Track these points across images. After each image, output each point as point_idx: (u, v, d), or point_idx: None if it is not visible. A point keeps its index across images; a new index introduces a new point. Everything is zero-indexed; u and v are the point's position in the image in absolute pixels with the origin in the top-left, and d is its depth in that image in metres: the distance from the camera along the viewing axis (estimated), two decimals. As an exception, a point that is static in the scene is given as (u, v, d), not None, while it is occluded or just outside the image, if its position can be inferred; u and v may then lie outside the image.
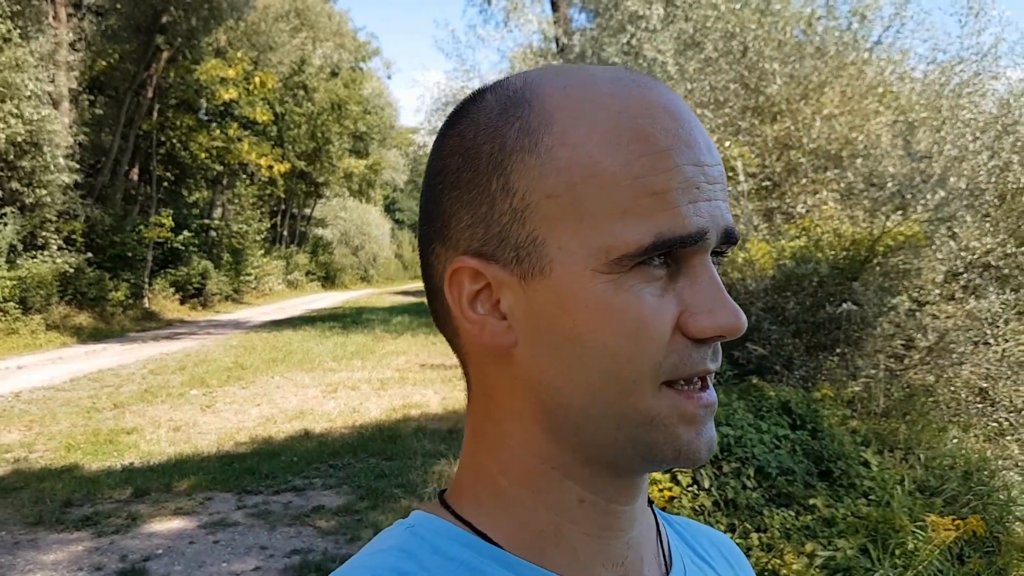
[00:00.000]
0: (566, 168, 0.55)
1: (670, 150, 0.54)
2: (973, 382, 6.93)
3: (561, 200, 0.55)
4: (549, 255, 0.56)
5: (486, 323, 0.59)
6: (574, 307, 0.55)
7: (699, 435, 0.56)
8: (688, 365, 0.55)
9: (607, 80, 0.57)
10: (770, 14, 8.97)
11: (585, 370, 0.55)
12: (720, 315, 0.54)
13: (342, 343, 15.77)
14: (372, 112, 42.73)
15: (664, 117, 0.55)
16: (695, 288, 0.55)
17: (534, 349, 0.58)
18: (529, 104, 0.57)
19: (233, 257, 27.97)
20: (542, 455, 0.60)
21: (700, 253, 0.55)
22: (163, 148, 24.50)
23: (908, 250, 7.16)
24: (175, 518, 5.67)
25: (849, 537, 4.60)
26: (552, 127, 0.56)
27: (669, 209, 0.53)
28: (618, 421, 0.56)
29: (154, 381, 11.46)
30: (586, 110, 0.55)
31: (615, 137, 0.54)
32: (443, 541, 0.59)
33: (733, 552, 0.79)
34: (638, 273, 0.54)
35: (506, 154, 0.57)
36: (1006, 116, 7.41)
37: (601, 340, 0.54)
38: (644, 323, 0.54)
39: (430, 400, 9.83)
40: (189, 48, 22.45)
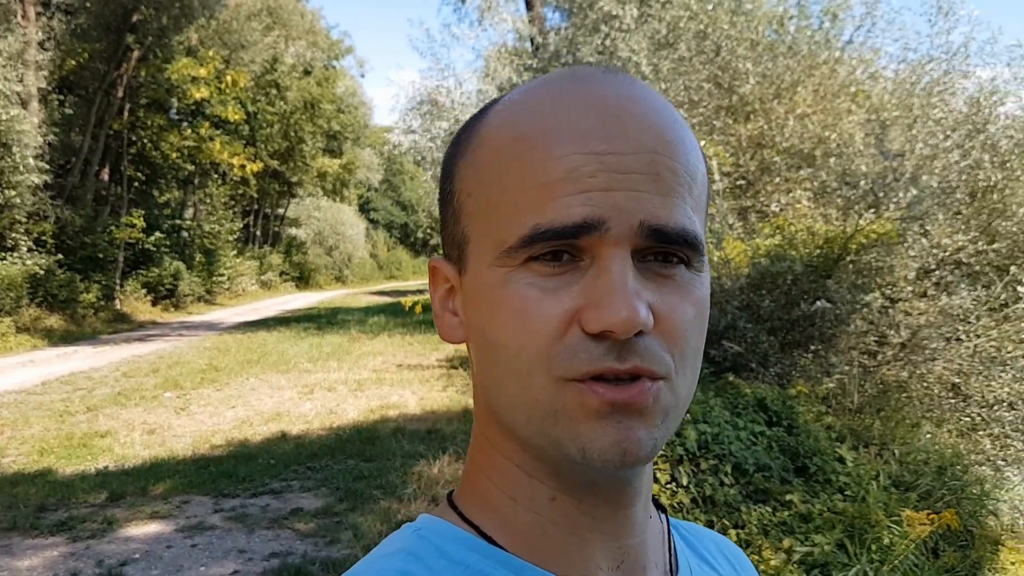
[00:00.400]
0: (481, 167, 0.58)
1: (561, 142, 0.53)
2: (946, 378, 7.03)
3: (476, 198, 0.58)
4: (469, 251, 0.59)
5: (444, 318, 0.63)
6: (478, 301, 0.58)
7: (605, 434, 0.53)
8: (584, 360, 0.52)
9: (544, 80, 0.59)
10: (742, 14, 9.03)
11: (493, 364, 0.57)
12: (605, 309, 0.51)
13: (318, 344, 15.69)
14: (346, 111, 42.51)
15: (575, 111, 0.54)
16: (596, 282, 0.53)
17: (472, 345, 0.61)
18: (482, 115, 0.61)
19: (205, 258, 27.72)
20: (505, 453, 0.61)
21: (608, 246, 0.53)
22: (134, 148, 24.24)
23: (881, 248, 7.24)
24: (151, 522, 5.62)
25: (826, 532, 4.65)
26: (481, 132, 0.59)
27: (552, 200, 0.53)
28: (527, 415, 0.56)
29: (127, 384, 11.34)
30: (507, 112, 0.58)
31: (519, 135, 0.55)
32: (449, 544, 0.59)
33: (737, 555, 0.79)
34: (529, 266, 0.54)
35: (454, 161, 0.62)
36: (976, 115, 7.51)
37: (496, 333, 0.56)
38: (526, 315, 0.53)
39: (408, 400, 9.80)
40: (160, 47, 22.21)
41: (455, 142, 0.63)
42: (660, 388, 0.54)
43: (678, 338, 0.55)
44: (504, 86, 12.36)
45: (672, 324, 0.54)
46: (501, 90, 12.41)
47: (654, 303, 0.53)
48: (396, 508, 5.70)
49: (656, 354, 0.53)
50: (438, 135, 12.17)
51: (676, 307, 0.55)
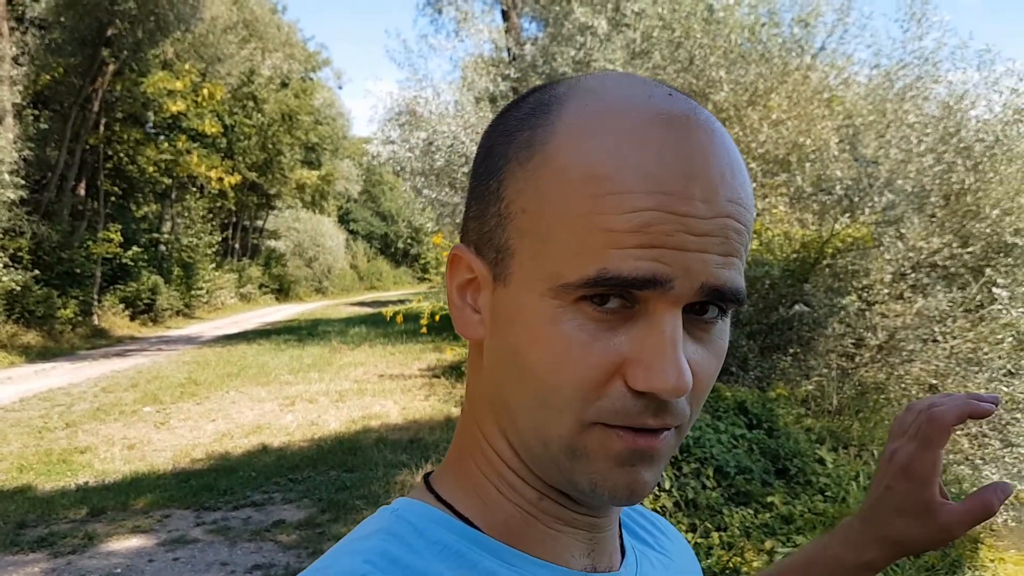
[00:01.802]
0: (543, 190, 0.55)
1: (641, 194, 0.52)
2: (923, 379, 7.10)
3: (532, 218, 0.56)
4: (513, 267, 0.57)
5: (464, 312, 0.62)
6: (519, 323, 0.57)
7: (622, 475, 0.55)
8: (621, 415, 0.54)
9: (626, 107, 0.56)
10: (715, 22, 9.11)
11: (521, 386, 0.57)
12: (656, 373, 0.52)
13: (298, 356, 15.62)
14: (324, 122, 42.41)
15: (658, 156, 0.53)
16: (647, 338, 0.53)
17: (493, 350, 0.60)
18: (547, 114, 0.58)
19: (184, 271, 27.53)
20: (498, 450, 0.62)
21: (665, 303, 0.53)
22: (110, 162, 24.07)
23: (857, 252, 7.32)
24: (133, 536, 5.58)
25: (807, 533, 4.68)
26: (547, 146, 0.56)
27: (619, 249, 0.52)
28: (544, 441, 0.57)
29: (106, 399, 11.25)
30: (581, 137, 0.55)
31: (592, 170, 0.53)
32: (427, 524, 0.60)
33: (667, 528, 0.82)
34: (581, 307, 0.54)
35: (506, 160, 0.59)
36: (948, 119, 7.61)
37: (533, 363, 0.56)
38: (571, 357, 0.54)
39: (390, 411, 9.78)
40: (135, 61, 22.07)
41: (507, 135, 0.60)
42: (671, 435, 0.57)
43: (701, 392, 0.57)
44: (482, 96, 12.39)
45: (700, 379, 0.56)
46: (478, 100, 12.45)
47: (691, 359, 0.55)
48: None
49: (683, 410, 0.56)
50: (417, 145, 12.16)
51: (705, 362, 0.56)
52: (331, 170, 44.47)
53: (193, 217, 29.63)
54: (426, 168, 12.29)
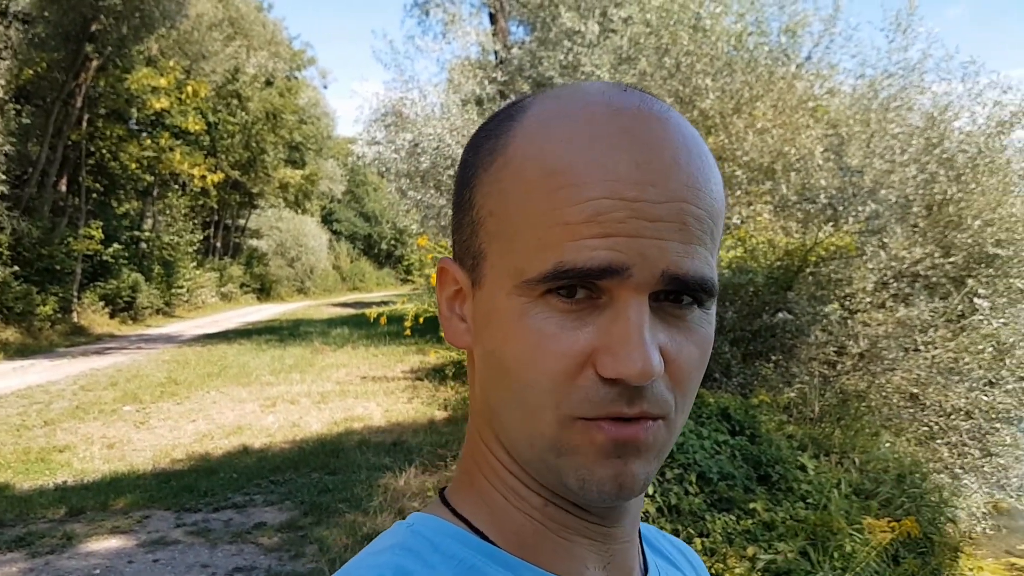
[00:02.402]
0: (505, 190, 0.57)
1: (591, 183, 0.53)
2: (904, 387, 7.15)
3: (498, 219, 0.57)
4: (485, 270, 0.59)
5: (451, 321, 0.64)
6: (493, 323, 0.58)
7: (608, 468, 0.55)
8: (595, 404, 0.54)
9: (578, 105, 0.57)
10: (701, 30, 9.15)
11: (502, 385, 0.58)
12: (622, 359, 0.52)
13: (280, 356, 15.54)
14: (308, 122, 42.27)
15: (608, 143, 0.54)
16: (612, 326, 0.53)
17: (478, 356, 0.62)
18: (511, 121, 0.60)
19: (164, 269, 27.34)
20: (500, 459, 0.63)
21: (628, 290, 0.53)
22: (92, 158, 23.86)
23: (840, 260, 7.37)
24: (112, 537, 5.53)
25: (789, 540, 4.70)
26: (507, 149, 0.58)
27: (575, 240, 0.53)
28: (529, 442, 0.58)
29: (85, 397, 11.15)
30: (537, 135, 0.57)
31: (549, 166, 0.55)
32: (443, 539, 0.60)
33: (691, 555, 0.81)
34: (547, 301, 0.54)
35: (474, 169, 0.61)
36: (932, 129, 7.68)
37: (508, 361, 0.56)
38: (541, 351, 0.54)
39: (373, 413, 9.75)
40: (119, 57, 21.87)
41: (475, 147, 0.62)
42: (659, 426, 0.56)
43: (682, 380, 0.56)
44: (469, 98, 12.39)
45: (678, 367, 0.56)
46: (465, 103, 12.45)
47: (664, 345, 0.55)
48: (362, 521, 5.67)
49: (661, 397, 0.55)
50: (402, 146, 12.14)
51: (684, 349, 0.56)
52: (315, 170, 44.31)
53: (175, 215, 29.44)
54: (411, 170, 12.27)
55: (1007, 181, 7.59)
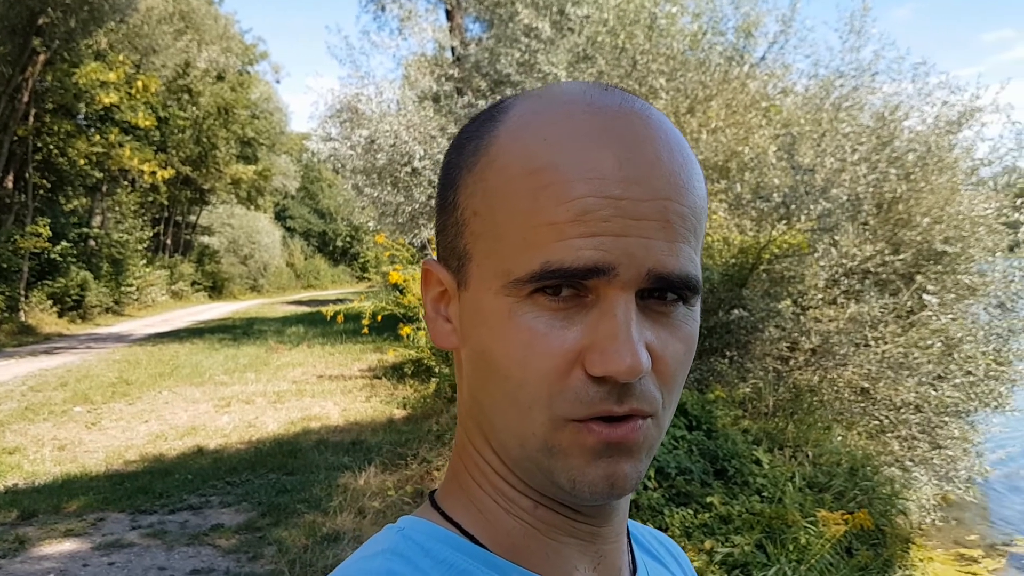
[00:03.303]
0: (490, 190, 0.57)
1: (575, 181, 0.53)
2: (855, 382, 7.27)
3: (483, 219, 0.58)
4: (471, 270, 0.59)
5: (436, 323, 0.64)
6: (481, 323, 0.58)
7: (598, 468, 0.55)
8: (585, 403, 0.54)
9: (560, 103, 0.57)
10: (656, 30, 9.21)
11: (492, 388, 0.58)
12: (610, 356, 0.53)
13: (233, 355, 15.36)
14: (261, 117, 41.76)
15: (590, 146, 0.54)
16: (600, 324, 0.54)
17: (465, 357, 0.62)
18: (492, 122, 0.60)
19: (113, 267, 26.85)
20: (489, 461, 0.63)
21: (614, 288, 0.54)
22: (39, 154, 23.31)
23: (792, 258, 7.48)
24: (66, 540, 5.44)
25: (745, 533, 4.77)
26: (490, 149, 0.58)
27: (562, 240, 0.53)
28: (520, 442, 0.58)
29: (35, 398, 10.93)
30: (519, 134, 0.57)
31: (532, 164, 0.55)
32: (433, 544, 0.60)
33: (676, 550, 0.82)
34: (536, 300, 0.55)
35: (458, 170, 0.61)
36: (882, 129, 7.81)
37: (499, 361, 0.57)
38: (530, 351, 0.55)
39: (330, 412, 9.68)
40: (67, 51, 21.39)
41: (459, 148, 0.62)
42: (648, 425, 0.57)
43: (669, 377, 0.57)
44: (426, 95, 12.35)
45: (665, 363, 0.56)
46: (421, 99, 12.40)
47: (651, 342, 0.55)
48: (321, 521, 5.63)
49: (650, 394, 0.56)
50: (358, 143, 12.05)
51: (669, 346, 0.57)
52: (268, 166, 43.78)
53: (124, 212, 28.93)
54: (368, 166, 12.19)
55: (955, 180, 7.75)
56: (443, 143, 11.00)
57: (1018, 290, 7.73)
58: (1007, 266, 7.89)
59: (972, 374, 7.24)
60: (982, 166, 7.98)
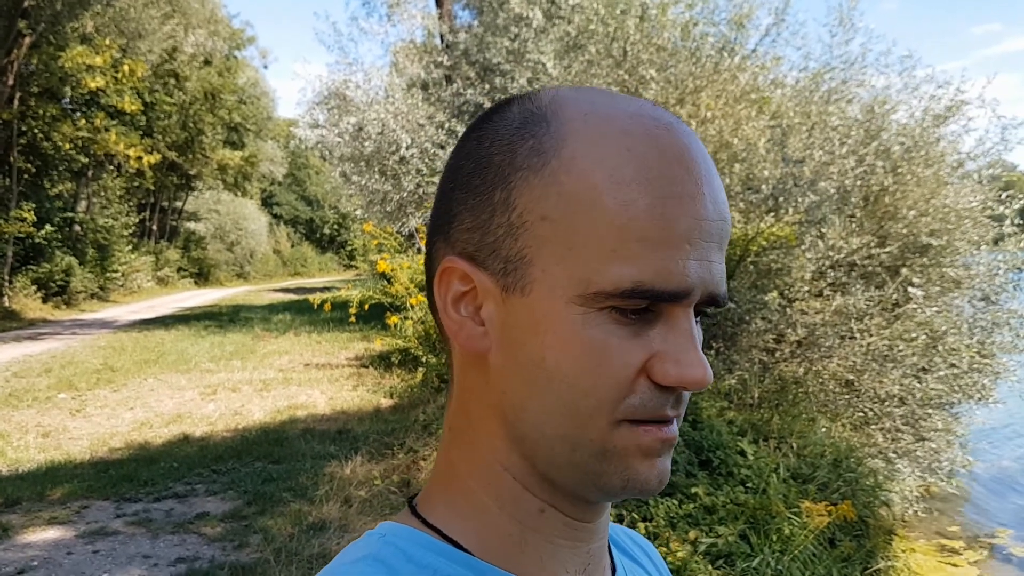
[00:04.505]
0: (566, 194, 0.56)
1: (669, 199, 0.55)
2: (840, 374, 7.32)
3: (555, 225, 0.56)
4: (532, 275, 0.57)
5: (464, 325, 0.61)
6: (544, 331, 0.57)
7: (652, 467, 0.58)
8: (648, 409, 0.57)
9: (627, 114, 0.58)
10: (647, 20, 9.19)
11: (545, 394, 0.57)
12: (687, 367, 0.56)
13: (219, 343, 15.31)
14: (248, 102, 41.53)
15: (674, 164, 0.56)
16: (669, 337, 0.56)
17: (504, 361, 0.60)
18: (547, 123, 0.59)
19: (99, 253, 26.70)
20: (504, 463, 0.62)
21: (684, 307, 0.57)
22: (24, 138, 23.10)
23: (780, 250, 7.50)
24: (50, 528, 5.42)
25: (729, 524, 4.80)
26: (562, 152, 0.57)
27: (655, 259, 0.54)
28: (572, 446, 0.58)
29: (18, 384, 10.86)
30: (598, 142, 0.56)
31: (619, 175, 0.55)
32: (416, 549, 0.60)
33: (650, 549, 0.83)
34: (611, 313, 0.55)
35: (514, 169, 0.59)
36: (870, 122, 7.84)
37: (563, 369, 0.56)
38: (606, 361, 0.56)
39: (317, 401, 9.67)
40: (53, 34, 21.17)
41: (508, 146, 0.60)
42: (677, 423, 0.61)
43: None
44: (414, 82, 12.31)
45: None
46: (410, 86, 12.35)
47: None
48: (307, 510, 5.63)
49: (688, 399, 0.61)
50: (346, 130, 12.02)
51: None
52: (254, 151, 43.58)
53: (110, 197, 28.75)
54: (356, 154, 12.16)
55: (941, 173, 7.78)
56: (431, 131, 10.98)
57: (1002, 283, 7.79)
58: (992, 259, 7.94)
59: (956, 366, 7.30)
60: (968, 159, 8.02)
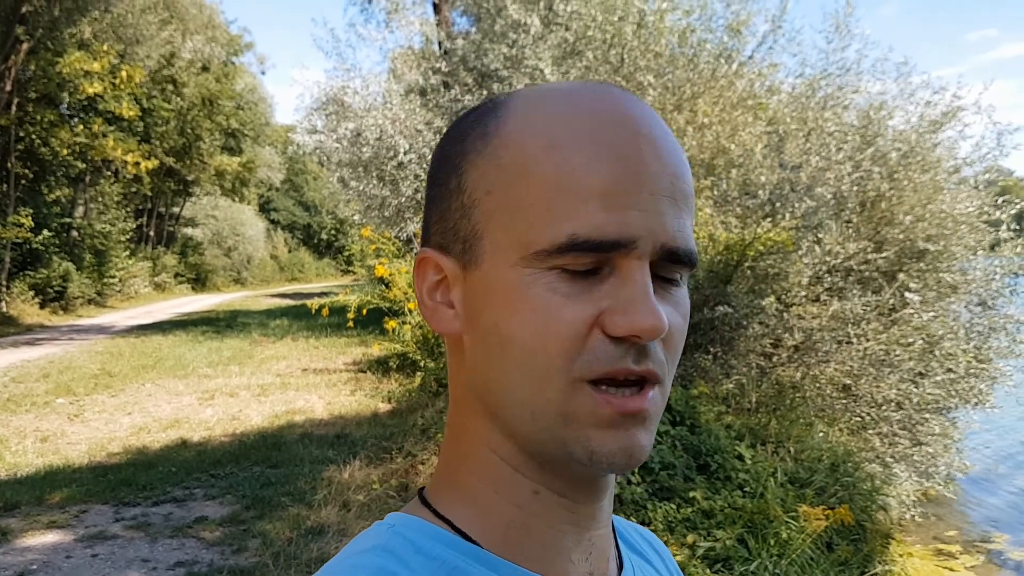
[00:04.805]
0: (505, 166, 0.58)
1: (605, 156, 0.56)
2: (837, 379, 7.33)
3: (497, 196, 0.59)
4: (483, 248, 0.59)
5: (437, 310, 0.64)
6: (494, 298, 0.59)
7: (615, 439, 0.56)
8: (604, 362, 0.55)
9: (568, 91, 0.60)
10: (645, 26, 9.22)
11: (503, 360, 0.59)
12: (636, 314, 0.54)
13: (217, 348, 15.31)
14: (245, 108, 41.55)
15: (608, 125, 0.57)
16: (620, 290, 0.56)
17: (471, 338, 0.62)
18: (495, 112, 0.62)
19: (96, 258, 26.69)
20: (491, 446, 0.62)
21: (632, 259, 0.56)
22: (21, 144, 23.11)
23: (777, 255, 7.52)
24: (49, 532, 5.42)
25: (727, 528, 4.81)
26: (502, 130, 0.60)
27: (590, 212, 0.55)
28: (533, 413, 0.58)
29: (16, 389, 10.86)
30: (534, 116, 0.59)
31: (553, 141, 0.57)
32: (425, 540, 0.60)
33: (659, 544, 0.82)
34: (555, 271, 0.56)
35: (463, 155, 0.62)
36: (867, 128, 7.87)
37: (514, 332, 0.57)
38: (552, 318, 0.56)
39: (314, 405, 9.67)
40: (51, 39, 21.19)
41: (459, 136, 0.63)
42: (656, 395, 0.58)
43: (673, 345, 0.59)
44: (412, 88, 12.33)
45: (671, 334, 0.59)
46: (408, 93, 12.37)
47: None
48: (306, 514, 5.63)
49: (660, 358, 0.58)
50: (344, 136, 12.02)
51: (673, 318, 0.59)
52: (252, 157, 43.56)
53: (107, 202, 28.75)
54: (354, 159, 12.16)
55: (937, 178, 7.81)
56: (429, 137, 10.99)
57: (999, 288, 7.80)
58: (988, 264, 7.95)
59: (953, 371, 7.31)
60: (964, 165, 8.04)
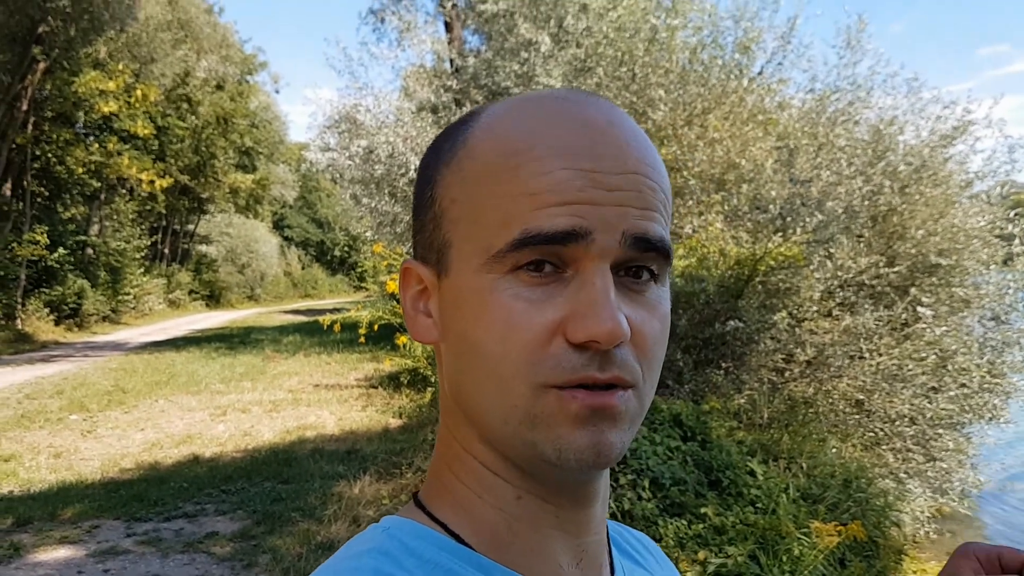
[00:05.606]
0: (467, 176, 0.60)
1: (551, 157, 0.56)
2: (850, 394, 7.29)
3: (461, 205, 0.60)
4: (452, 256, 0.61)
5: (417, 319, 0.65)
6: (461, 304, 0.60)
7: (584, 435, 0.56)
8: (567, 370, 0.55)
9: (535, 99, 0.61)
10: (656, 43, 9.26)
11: (472, 368, 0.59)
12: (592, 321, 0.54)
13: (230, 364, 15.35)
14: (259, 126, 41.83)
15: (564, 125, 0.58)
16: (581, 294, 0.55)
17: (446, 345, 0.63)
18: (466, 124, 0.63)
19: (111, 276, 26.85)
20: (474, 452, 0.63)
21: (592, 259, 0.56)
22: (38, 162, 23.34)
23: (788, 270, 7.51)
24: (61, 547, 5.43)
25: (739, 544, 4.77)
26: (468, 142, 0.61)
27: (541, 208, 0.55)
28: (503, 418, 0.58)
29: (31, 406, 10.92)
30: (497, 124, 0.60)
31: (511, 147, 0.58)
32: (419, 543, 0.60)
33: (654, 548, 0.82)
34: (517, 275, 0.56)
35: (436, 168, 0.64)
36: (878, 143, 7.87)
37: (479, 339, 0.58)
38: (512, 324, 0.56)
39: (326, 421, 9.68)
40: (67, 59, 21.42)
41: (435, 150, 0.65)
42: (630, 396, 0.57)
43: (647, 350, 0.58)
44: (424, 106, 12.39)
45: (643, 337, 0.58)
46: (420, 110, 12.44)
47: (629, 316, 0.56)
48: (316, 530, 5.63)
49: (630, 364, 0.57)
50: (356, 153, 12.09)
51: (646, 321, 0.58)
52: (266, 175, 43.82)
53: (122, 220, 28.94)
54: (366, 177, 12.22)
55: (949, 193, 7.79)
56: (441, 154, 11.03)
57: (1012, 302, 7.76)
58: (1001, 278, 7.91)
59: (966, 386, 7.27)
60: (976, 179, 8.02)
